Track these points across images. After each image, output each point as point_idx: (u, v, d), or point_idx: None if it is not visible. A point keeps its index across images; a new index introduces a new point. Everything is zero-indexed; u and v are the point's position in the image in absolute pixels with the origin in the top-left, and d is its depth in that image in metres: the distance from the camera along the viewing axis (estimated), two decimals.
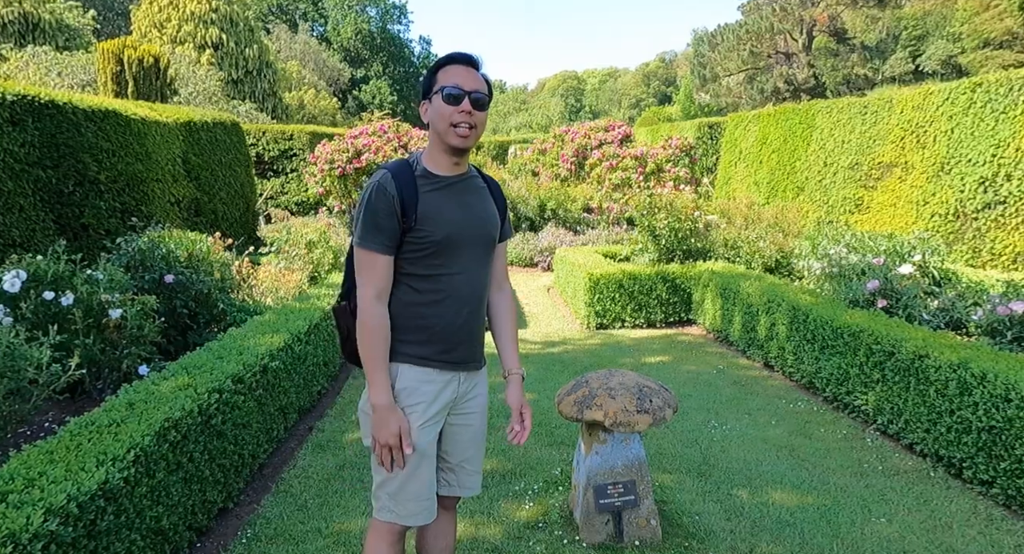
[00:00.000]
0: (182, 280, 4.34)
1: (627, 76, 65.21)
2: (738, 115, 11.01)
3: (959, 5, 42.76)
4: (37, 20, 24.72)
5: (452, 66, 1.52)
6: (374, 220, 1.45)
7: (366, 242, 1.46)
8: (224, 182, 9.04)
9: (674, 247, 6.61)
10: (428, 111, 1.52)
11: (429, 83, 1.53)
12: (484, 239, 1.58)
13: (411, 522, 1.58)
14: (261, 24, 41.11)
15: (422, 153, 1.57)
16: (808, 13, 36.43)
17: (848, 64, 38.55)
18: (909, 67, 44.11)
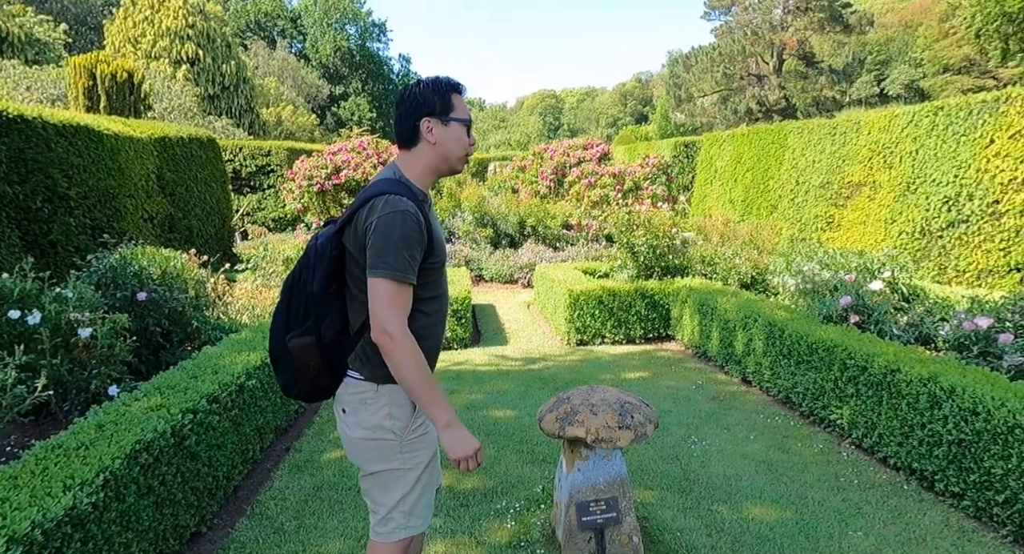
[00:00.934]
0: (155, 298, 4.25)
1: (604, 95, 66.42)
2: (713, 135, 11.27)
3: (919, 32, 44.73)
4: (5, 34, 24.27)
5: (460, 95, 1.56)
6: (410, 252, 1.42)
7: (408, 275, 1.41)
8: (199, 198, 8.91)
9: (652, 264, 6.69)
10: (441, 133, 1.51)
11: (445, 104, 1.52)
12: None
13: (421, 528, 1.61)
14: (239, 40, 41.00)
15: (401, 172, 1.54)
16: (778, 37, 37.70)
17: (817, 86, 39.89)
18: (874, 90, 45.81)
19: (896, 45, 46.32)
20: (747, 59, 37.84)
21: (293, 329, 1.50)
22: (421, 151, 1.53)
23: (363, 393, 1.53)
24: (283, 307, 1.54)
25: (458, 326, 5.89)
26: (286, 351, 1.51)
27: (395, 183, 1.49)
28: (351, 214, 1.48)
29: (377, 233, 1.40)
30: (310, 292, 1.49)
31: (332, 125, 42.89)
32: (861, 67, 45.92)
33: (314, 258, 1.49)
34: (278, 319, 1.54)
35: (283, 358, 1.52)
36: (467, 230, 10.99)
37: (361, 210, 1.45)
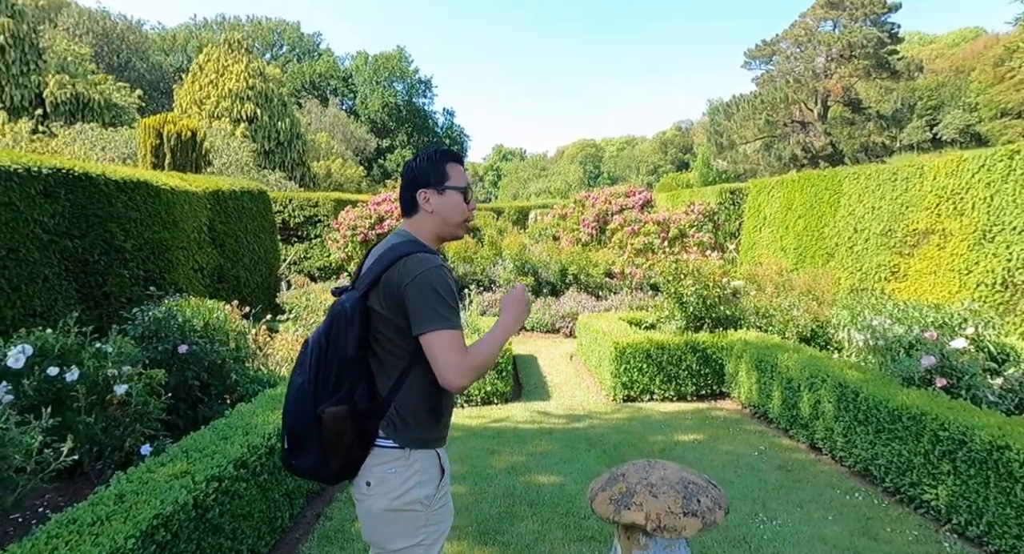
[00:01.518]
0: (196, 350, 4.22)
1: (644, 144, 66.94)
2: (761, 181, 10.98)
3: (972, 77, 43.65)
4: (87, 100, 26.51)
5: (458, 164, 1.63)
6: (453, 302, 1.49)
7: (458, 323, 1.47)
8: (248, 248, 9.15)
9: (702, 314, 6.36)
10: (438, 202, 1.59)
11: (440, 175, 1.59)
12: None
13: None
14: (294, 99, 43.66)
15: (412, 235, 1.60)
16: (822, 84, 37.40)
17: (865, 132, 39.11)
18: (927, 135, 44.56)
19: (948, 90, 45.33)
20: (790, 106, 37.59)
21: (323, 401, 1.45)
22: (422, 219, 1.61)
23: (393, 462, 1.49)
24: (309, 379, 1.46)
25: (499, 379, 5.66)
26: (315, 426, 1.44)
27: (413, 243, 1.55)
28: (376, 277, 1.48)
29: (422, 290, 1.43)
30: (344, 358, 1.46)
31: (378, 176, 44.57)
32: (911, 112, 44.97)
33: (345, 323, 1.47)
34: (304, 393, 1.46)
35: (311, 434, 1.45)
36: (508, 278, 10.89)
37: (389, 272, 1.47)
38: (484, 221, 15.83)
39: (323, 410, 1.43)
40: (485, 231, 13.28)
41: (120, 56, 39.35)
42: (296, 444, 1.46)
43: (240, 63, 29.82)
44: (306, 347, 1.50)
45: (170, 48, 45.60)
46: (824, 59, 37.20)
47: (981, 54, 44.40)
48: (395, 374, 1.49)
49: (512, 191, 57.70)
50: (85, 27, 37.17)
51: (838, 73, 36.65)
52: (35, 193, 5.16)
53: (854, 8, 36.44)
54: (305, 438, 1.45)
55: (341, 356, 1.45)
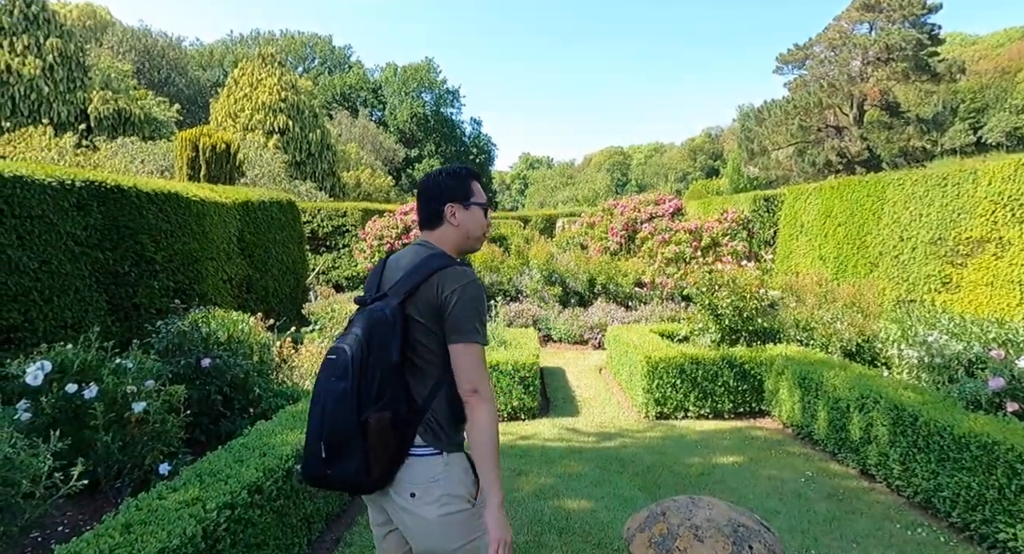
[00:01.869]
0: (219, 364, 4.17)
1: (673, 151, 66.15)
2: (797, 188, 10.60)
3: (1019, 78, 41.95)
4: (128, 115, 27.47)
5: (478, 182, 1.73)
6: (484, 318, 1.56)
7: (485, 340, 1.54)
8: (276, 259, 9.20)
9: (738, 327, 6.08)
10: (463, 216, 1.66)
11: (466, 191, 1.68)
12: None
13: None
14: (325, 111, 44.52)
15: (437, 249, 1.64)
16: (858, 88, 36.37)
17: (904, 136, 37.87)
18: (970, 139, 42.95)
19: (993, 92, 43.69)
20: (824, 111, 36.67)
21: (366, 407, 1.46)
22: (445, 232, 1.67)
23: (434, 468, 1.52)
24: (352, 385, 1.45)
25: (525, 394, 5.49)
26: (359, 432, 1.44)
27: (446, 257, 1.60)
28: (415, 287, 1.52)
29: (462, 302, 1.50)
30: (388, 365, 1.49)
31: (407, 186, 45.03)
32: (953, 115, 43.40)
33: (388, 330, 1.50)
34: (347, 399, 1.45)
35: (353, 441, 1.44)
36: (535, 288, 10.72)
37: (428, 283, 1.52)
38: (511, 230, 15.71)
39: (368, 416, 1.44)
40: (512, 240, 13.15)
41: (161, 72, 40.77)
42: (336, 451, 1.45)
43: (273, 76, 30.55)
44: (342, 354, 1.49)
45: (207, 63, 47.08)
46: (860, 62, 36.19)
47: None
48: (431, 382, 1.53)
49: (539, 199, 57.61)
50: (128, 45, 38.64)
51: (875, 76, 35.58)
52: (68, 206, 5.22)
53: (891, 10, 35.41)
54: (347, 445, 1.44)
55: (385, 363, 1.48)
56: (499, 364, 5.30)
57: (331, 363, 1.51)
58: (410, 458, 1.50)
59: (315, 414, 1.49)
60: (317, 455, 1.46)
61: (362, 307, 1.61)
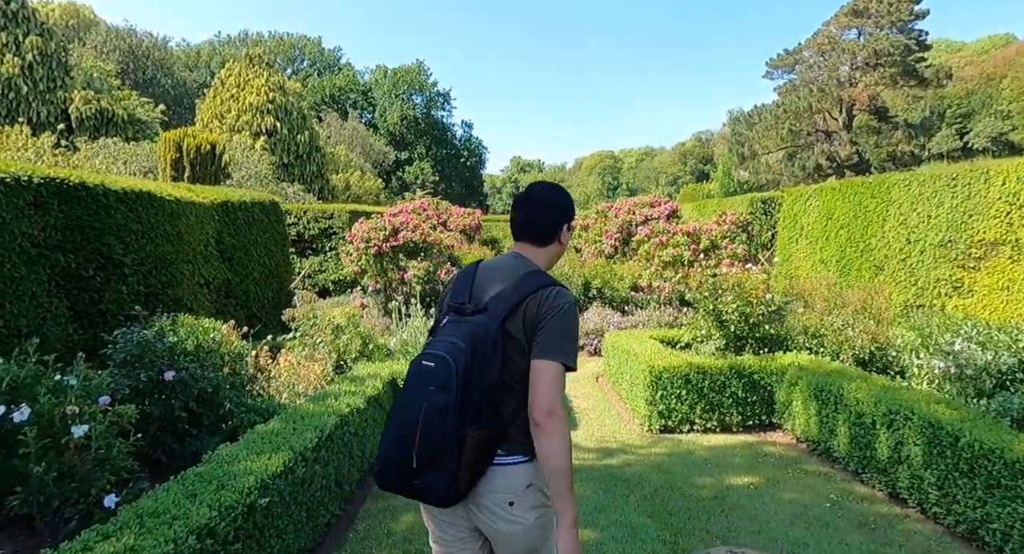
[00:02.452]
0: (184, 377, 3.78)
1: (663, 155, 66.24)
2: (796, 189, 10.36)
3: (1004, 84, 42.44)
4: (111, 115, 26.88)
5: None
6: (577, 343, 1.56)
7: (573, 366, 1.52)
8: (258, 262, 8.79)
9: (744, 334, 5.77)
10: (566, 237, 1.72)
11: (573, 213, 1.75)
12: None
13: None
14: (314, 113, 44.01)
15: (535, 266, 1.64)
16: (847, 93, 36.57)
17: (892, 141, 38.15)
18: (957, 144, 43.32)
19: (979, 98, 44.15)
20: (814, 115, 36.83)
21: (466, 422, 1.45)
22: (551, 250, 1.71)
23: (528, 475, 1.53)
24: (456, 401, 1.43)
25: None
26: (455, 447, 1.43)
27: (546, 276, 1.60)
28: (517, 304, 1.52)
29: (559, 321, 1.50)
30: (490, 382, 1.48)
31: (397, 188, 44.57)
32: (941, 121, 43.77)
33: (491, 347, 1.49)
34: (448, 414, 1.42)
35: (449, 454, 1.43)
36: None
37: (531, 299, 1.52)
38: (503, 232, 15.39)
39: (469, 432, 1.44)
40: (504, 243, 12.82)
41: (146, 72, 40.09)
42: (429, 463, 1.43)
43: (261, 77, 30.06)
44: (443, 364, 1.46)
45: (194, 64, 46.43)
46: (848, 67, 36.42)
47: (1013, 61, 43.22)
48: (520, 398, 1.52)
49: None
50: (112, 45, 37.96)
51: (863, 81, 35.81)
52: (24, 204, 4.80)
53: (879, 15, 35.67)
54: (442, 459, 1.43)
55: (487, 380, 1.48)
56: None
57: (429, 371, 1.48)
58: (501, 468, 1.50)
59: (405, 421, 1.46)
60: (406, 465, 1.43)
61: (458, 315, 1.58)
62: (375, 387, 4.37)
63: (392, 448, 1.47)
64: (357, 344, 5.73)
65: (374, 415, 4.27)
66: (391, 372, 4.95)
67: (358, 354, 5.74)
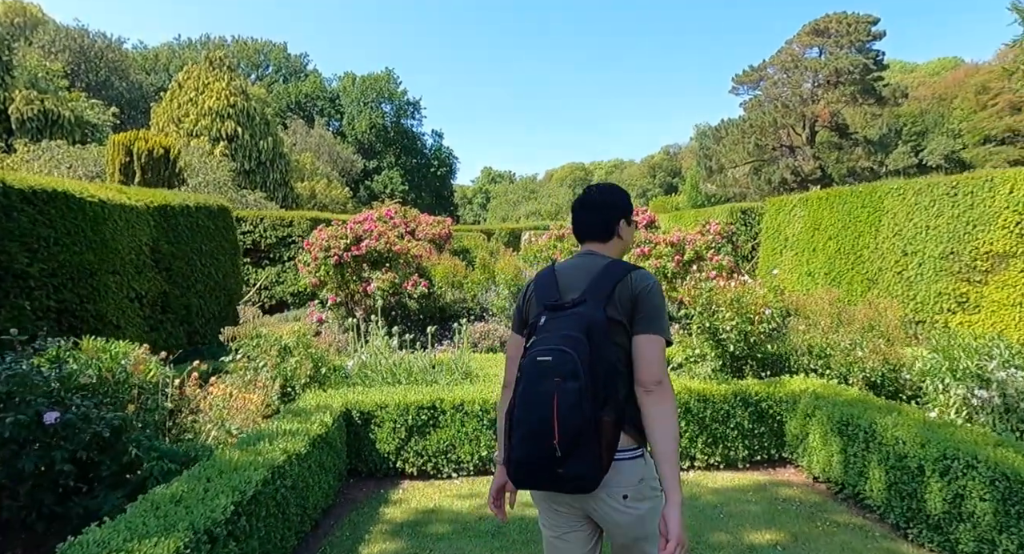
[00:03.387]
0: (72, 419, 2.97)
1: (633, 168, 66.81)
2: (780, 199, 10.01)
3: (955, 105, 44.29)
4: (57, 117, 25.32)
5: None
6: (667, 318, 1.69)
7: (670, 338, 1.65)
8: (203, 273, 7.90)
9: (744, 355, 5.22)
10: (627, 232, 1.83)
11: (631, 209, 1.85)
12: None
13: None
14: (279, 119, 42.69)
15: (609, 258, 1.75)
16: (810, 109, 37.50)
17: (853, 157, 39.25)
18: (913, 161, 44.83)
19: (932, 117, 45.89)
20: (778, 131, 37.58)
21: (598, 407, 1.50)
22: (613, 245, 1.81)
23: (640, 468, 1.61)
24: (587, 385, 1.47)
25: (495, 438, 4.44)
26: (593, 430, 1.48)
27: (625, 262, 1.71)
28: (611, 289, 1.61)
29: (653, 298, 1.62)
30: (609, 365, 1.54)
31: (365, 197, 43.44)
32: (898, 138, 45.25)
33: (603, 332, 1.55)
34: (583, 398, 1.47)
35: (589, 439, 1.47)
36: (502, 306, 9.71)
37: (622, 284, 1.62)
38: (474, 242, 14.71)
39: (603, 415, 1.50)
40: (476, 253, 12.14)
41: (99, 74, 38.26)
42: (571, 449, 1.47)
43: (221, 81, 28.86)
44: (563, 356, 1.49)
45: (152, 67, 44.67)
46: (811, 85, 37.39)
47: (962, 82, 45.18)
48: (629, 380, 1.59)
49: (501, 214, 56.93)
50: (62, 45, 36.10)
51: (825, 98, 36.80)
52: None
53: (839, 35, 36.78)
54: (585, 443, 1.47)
55: (606, 363, 1.53)
56: (464, 403, 4.24)
57: (550, 365, 1.50)
58: (617, 463, 1.55)
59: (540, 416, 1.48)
60: (550, 456, 1.47)
61: (557, 311, 1.62)
62: (323, 423, 3.62)
63: (528, 445, 1.50)
64: (307, 368, 4.94)
65: (320, 459, 3.51)
66: (344, 402, 4.20)
67: (308, 379, 4.95)
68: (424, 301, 9.21)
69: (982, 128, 40.91)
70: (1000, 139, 39.93)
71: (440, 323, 9.59)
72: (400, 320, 9.38)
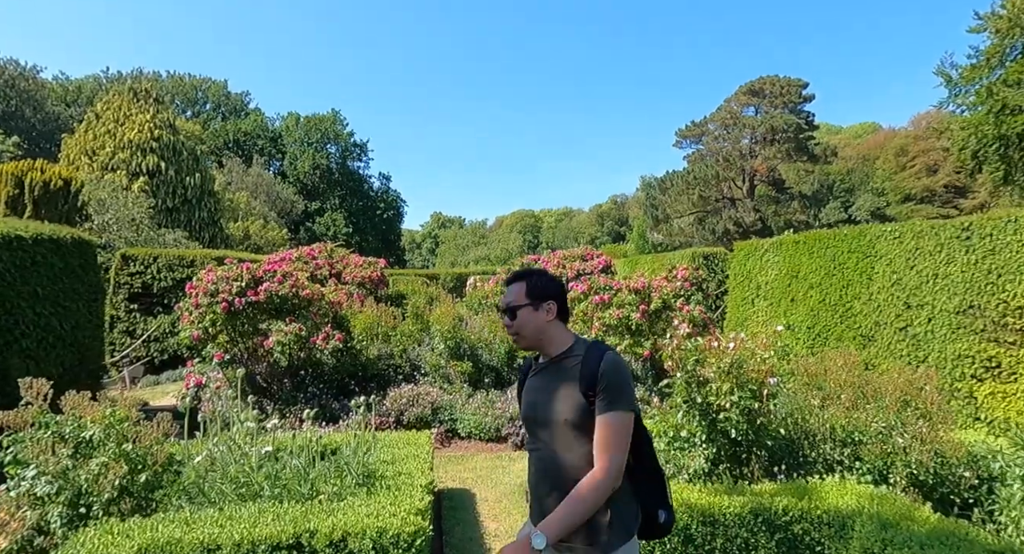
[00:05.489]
0: None
1: (582, 216, 67.40)
2: (749, 243, 9.07)
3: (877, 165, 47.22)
4: None
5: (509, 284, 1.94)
6: None
7: None
8: (35, 324, 6.00)
9: (749, 440, 3.88)
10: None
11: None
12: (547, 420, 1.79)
13: None
14: (214, 157, 40.34)
15: None
16: (748, 164, 38.83)
17: (790, 210, 40.64)
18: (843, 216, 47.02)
19: (857, 175, 48.68)
20: (720, 183, 38.56)
21: None
22: None
23: None
24: None
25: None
26: None
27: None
28: None
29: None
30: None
31: (305, 239, 41.11)
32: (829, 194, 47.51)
33: None
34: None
35: None
36: (437, 363, 8.15)
37: None
38: (411, 287, 13.13)
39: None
40: (411, 300, 10.59)
41: (9, 103, 35.16)
42: None
43: (145, 113, 26.73)
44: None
45: (73, 99, 41.72)
46: (749, 141, 38.89)
47: (883, 145, 48.38)
48: None
49: (451, 259, 55.56)
50: None
51: (762, 154, 38.25)
52: None
53: (773, 96, 38.67)
54: None
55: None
56: (348, 539, 2.67)
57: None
58: None
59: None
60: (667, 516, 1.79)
61: None
62: None
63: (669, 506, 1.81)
64: (118, 473, 3.23)
65: None
66: (139, 549, 2.52)
67: (119, 492, 3.23)
68: (341, 357, 7.54)
69: (903, 187, 43.52)
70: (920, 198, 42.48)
71: (361, 384, 7.91)
72: (311, 381, 7.64)
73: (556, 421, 1.70)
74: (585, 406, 1.66)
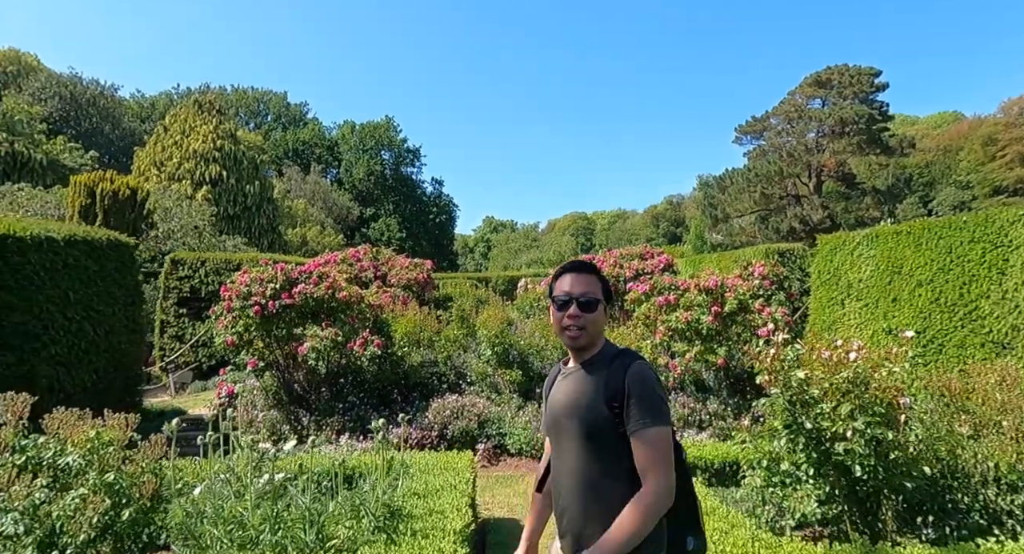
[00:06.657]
0: None
1: (635, 217, 65.67)
2: (836, 236, 7.95)
3: (962, 156, 43.45)
4: (27, 159, 24.08)
5: (567, 275, 1.77)
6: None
7: None
8: (66, 330, 5.75)
9: (875, 477, 2.98)
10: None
11: (551, 288, 1.80)
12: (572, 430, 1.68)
13: None
14: (275, 166, 41.64)
15: None
16: (815, 159, 36.40)
17: (862, 207, 37.98)
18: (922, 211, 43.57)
19: (938, 168, 45.06)
20: (784, 180, 36.34)
21: None
22: None
23: None
24: None
25: None
26: None
27: None
28: None
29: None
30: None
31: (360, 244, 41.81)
32: (906, 188, 44.18)
33: None
34: None
35: None
36: (483, 371, 7.50)
37: None
38: (459, 290, 12.60)
39: None
40: (458, 302, 10.01)
41: (91, 121, 37.46)
42: None
43: (208, 124, 27.72)
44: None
45: (148, 115, 44.13)
46: (815, 134, 36.47)
47: (967, 135, 44.55)
48: None
49: (503, 262, 55.25)
50: (52, 91, 35.47)
51: (830, 148, 35.78)
52: None
53: (842, 86, 36.12)
54: None
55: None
56: None
57: None
58: None
59: None
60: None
61: None
62: None
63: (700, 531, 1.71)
64: (99, 509, 2.71)
65: None
66: None
67: (99, 531, 2.71)
68: (381, 364, 7.01)
69: (992, 179, 39.81)
70: (1012, 190, 38.70)
71: (403, 393, 7.35)
72: (351, 390, 7.14)
73: (581, 431, 1.63)
74: (609, 417, 1.58)
